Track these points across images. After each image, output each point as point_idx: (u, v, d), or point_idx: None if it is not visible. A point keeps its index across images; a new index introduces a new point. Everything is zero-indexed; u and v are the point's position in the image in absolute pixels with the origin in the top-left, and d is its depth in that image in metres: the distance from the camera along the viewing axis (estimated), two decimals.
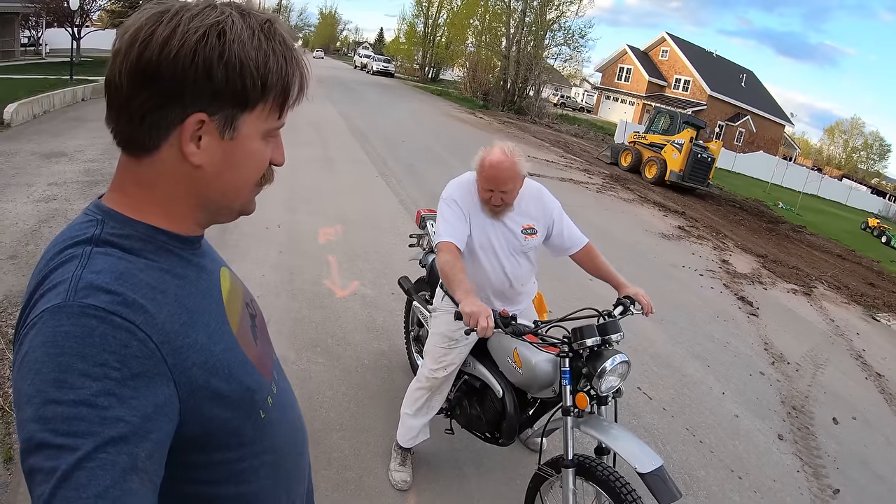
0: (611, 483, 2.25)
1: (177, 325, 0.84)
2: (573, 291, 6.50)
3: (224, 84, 0.84)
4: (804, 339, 7.42)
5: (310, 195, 8.70)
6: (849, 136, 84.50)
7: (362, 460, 3.37)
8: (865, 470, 4.60)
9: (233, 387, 0.92)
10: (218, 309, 0.97)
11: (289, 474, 1.12)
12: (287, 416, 1.13)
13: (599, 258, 3.05)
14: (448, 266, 2.55)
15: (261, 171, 0.96)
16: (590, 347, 2.45)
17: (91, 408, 0.71)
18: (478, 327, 2.21)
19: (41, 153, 9.03)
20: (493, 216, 2.85)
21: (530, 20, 37.18)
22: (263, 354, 1.08)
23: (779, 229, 16.90)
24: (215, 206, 0.96)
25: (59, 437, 0.69)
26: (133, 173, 0.89)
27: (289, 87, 0.92)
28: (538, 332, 2.49)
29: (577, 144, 26.21)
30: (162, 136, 0.85)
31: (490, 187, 2.70)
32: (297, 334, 4.61)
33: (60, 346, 0.73)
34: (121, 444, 0.71)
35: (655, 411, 4.59)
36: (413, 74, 60.83)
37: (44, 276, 0.82)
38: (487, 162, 2.67)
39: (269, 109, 0.91)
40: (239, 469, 0.98)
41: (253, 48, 0.85)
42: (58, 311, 0.75)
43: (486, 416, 3.02)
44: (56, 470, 0.68)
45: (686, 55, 48.46)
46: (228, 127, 0.87)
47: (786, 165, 35.13)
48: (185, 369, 0.83)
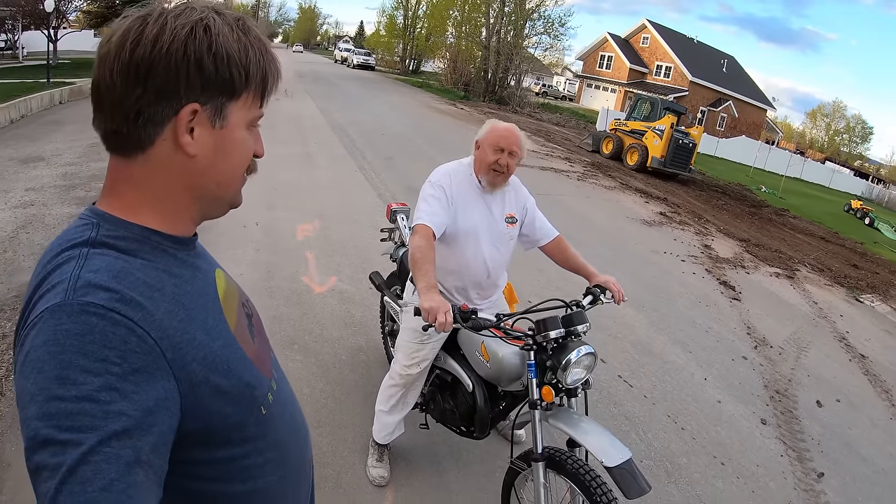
0: (580, 476, 2.22)
1: (175, 322, 0.85)
2: (554, 282, 6.48)
3: (214, 74, 0.89)
4: (787, 322, 7.44)
5: (288, 192, 8.62)
6: (831, 120, 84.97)
7: (340, 457, 3.34)
8: (850, 452, 4.61)
9: (232, 382, 0.94)
10: (215, 307, 0.99)
11: (294, 471, 1.14)
12: (288, 413, 1.16)
13: (570, 250, 3.05)
14: (420, 252, 2.48)
15: (248, 160, 1.01)
16: (554, 339, 2.42)
17: (93, 402, 0.72)
18: (435, 323, 2.16)
19: (18, 158, 8.86)
20: (490, 188, 2.86)
21: (510, 10, 37.17)
22: (262, 352, 1.11)
23: (761, 213, 16.96)
24: (210, 198, 0.99)
25: (63, 433, 0.70)
26: (126, 174, 0.92)
27: (267, 76, 0.98)
28: (500, 326, 2.44)
29: (559, 133, 26.21)
30: (157, 131, 0.88)
31: (501, 146, 2.76)
32: (274, 332, 4.54)
33: (61, 343, 0.74)
34: (124, 438, 0.73)
35: (636, 399, 4.57)
36: (394, 67, 60.59)
37: (42, 277, 0.84)
38: (500, 125, 2.83)
39: (252, 98, 0.97)
40: (244, 466, 1.00)
41: (234, 41, 0.91)
42: (58, 310, 0.77)
43: (458, 410, 3.00)
44: (61, 465, 0.69)
45: (667, 42, 48.50)
46: (218, 116, 0.92)
47: (768, 149, 35.42)
48: (185, 365, 0.85)
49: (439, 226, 2.69)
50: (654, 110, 19.76)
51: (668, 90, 44.10)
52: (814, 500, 3.89)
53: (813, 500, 3.88)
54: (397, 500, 3.11)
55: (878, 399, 5.81)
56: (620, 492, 2.12)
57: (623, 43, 51.86)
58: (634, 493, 2.09)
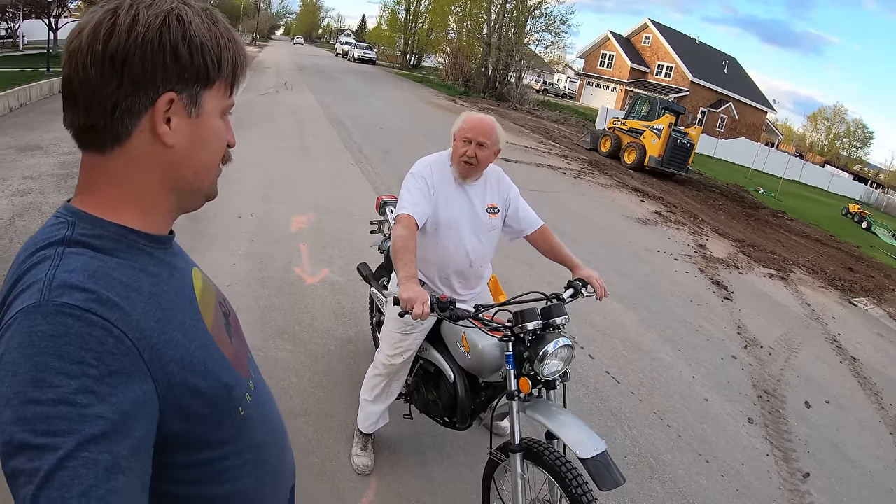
0: (557, 468, 2.22)
1: (152, 322, 0.84)
2: (545, 277, 6.49)
3: (189, 63, 0.89)
4: (779, 323, 7.46)
5: (284, 184, 8.63)
6: (831, 123, 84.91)
7: (325, 445, 3.36)
8: (837, 454, 4.61)
9: (210, 383, 0.93)
10: (191, 307, 0.98)
11: (273, 471, 1.13)
12: (266, 413, 1.14)
13: (554, 240, 3.06)
14: (402, 242, 2.51)
15: (223, 149, 1.01)
16: (532, 331, 2.43)
17: (70, 406, 0.70)
18: (413, 312, 2.18)
19: (17, 147, 8.87)
20: (463, 178, 2.87)
21: (511, 6, 37.14)
22: (239, 352, 1.10)
23: (758, 214, 16.96)
24: (187, 189, 0.98)
25: (39, 437, 0.69)
26: (102, 171, 0.90)
27: (237, 65, 0.98)
28: (479, 317, 2.45)
29: (558, 130, 26.22)
30: (133, 123, 0.87)
31: (468, 136, 2.76)
32: (265, 322, 4.57)
33: (37, 345, 0.73)
34: (102, 442, 0.71)
35: (623, 395, 4.59)
36: (395, 62, 60.58)
37: (17, 278, 0.83)
38: (470, 117, 2.83)
39: (224, 87, 0.97)
40: (222, 468, 0.99)
41: (206, 30, 0.90)
42: (33, 311, 0.75)
43: (441, 400, 3.02)
44: (38, 471, 0.68)
45: (668, 41, 48.47)
46: (194, 104, 0.92)
47: (767, 151, 35.37)
48: (163, 366, 0.83)
49: (422, 215, 2.71)
50: (653, 109, 19.78)
51: (668, 90, 44.07)
52: (798, 500, 3.90)
53: (798, 500, 3.89)
54: (380, 489, 3.13)
55: (868, 402, 5.83)
56: (594, 483, 2.13)
57: (625, 42, 51.81)
58: (608, 485, 2.10)
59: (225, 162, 1.04)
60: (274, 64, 34.63)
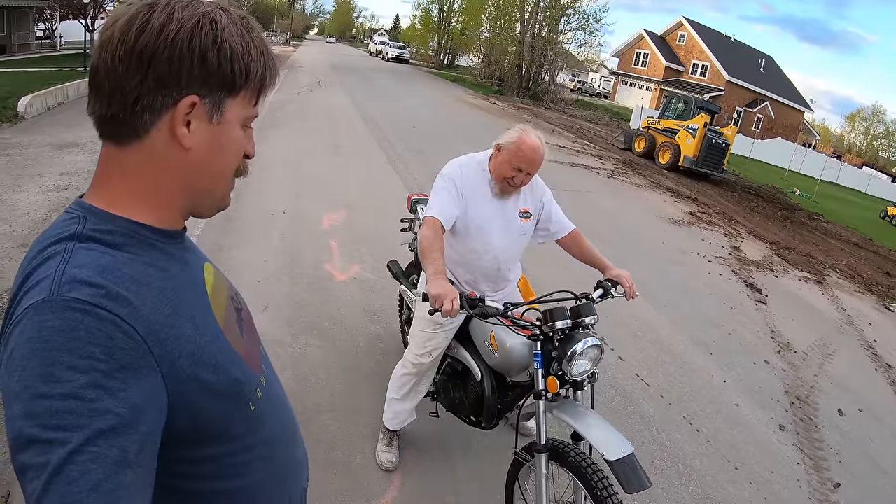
0: (582, 469, 2.21)
1: (161, 317, 0.84)
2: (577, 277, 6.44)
3: (216, 69, 0.89)
4: (813, 328, 7.30)
5: (317, 181, 8.72)
6: (870, 124, 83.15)
7: (351, 441, 3.39)
8: (869, 464, 4.50)
9: (220, 378, 0.93)
10: (202, 302, 0.98)
11: (283, 468, 1.13)
12: (277, 410, 1.14)
13: (586, 243, 3.04)
14: (427, 242, 2.52)
15: (239, 159, 1.01)
16: (560, 330, 2.42)
17: (79, 400, 0.71)
18: (442, 309, 2.18)
19: (54, 144, 9.13)
20: (501, 195, 2.86)
21: (545, 5, 36.92)
22: (251, 347, 1.10)
23: (794, 216, 16.63)
24: (200, 192, 0.98)
25: (48, 432, 0.69)
26: (118, 163, 0.91)
27: (266, 76, 0.97)
28: (508, 315, 2.45)
29: (592, 130, 26.01)
30: (153, 120, 0.88)
31: (520, 166, 2.72)
32: (294, 317, 4.62)
33: (46, 340, 0.73)
34: (111, 437, 0.72)
35: (652, 399, 4.55)
36: (428, 61, 60.69)
37: (27, 273, 0.83)
38: (527, 144, 2.69)
39: (249, 97, 0.97)
40: (231, 463, 0.99)
41: (238, 38, 0.91)
42: (42, 306, 0.76)
43: (468, 399, 3.02)
44: (47, 465, 0.68)
45: (704, 40, 47.81)
46: (216, 111, 0.92)
47: (804, 152, 34.69)
48: (172, 361, 0.84)
49: (448, 219, 2.72)
50: (688, 109, 19.50)
51: (704, 89, 43.48)
52: None
53: None
54: (404, 485, 3.15)
55: None
56: (620, 485, 2.12)
57: (659, 40, 51.24)
58: (634, 488, 2.09)
59: (239, 174, 1.04)
60: (308, 63, 34.93)
